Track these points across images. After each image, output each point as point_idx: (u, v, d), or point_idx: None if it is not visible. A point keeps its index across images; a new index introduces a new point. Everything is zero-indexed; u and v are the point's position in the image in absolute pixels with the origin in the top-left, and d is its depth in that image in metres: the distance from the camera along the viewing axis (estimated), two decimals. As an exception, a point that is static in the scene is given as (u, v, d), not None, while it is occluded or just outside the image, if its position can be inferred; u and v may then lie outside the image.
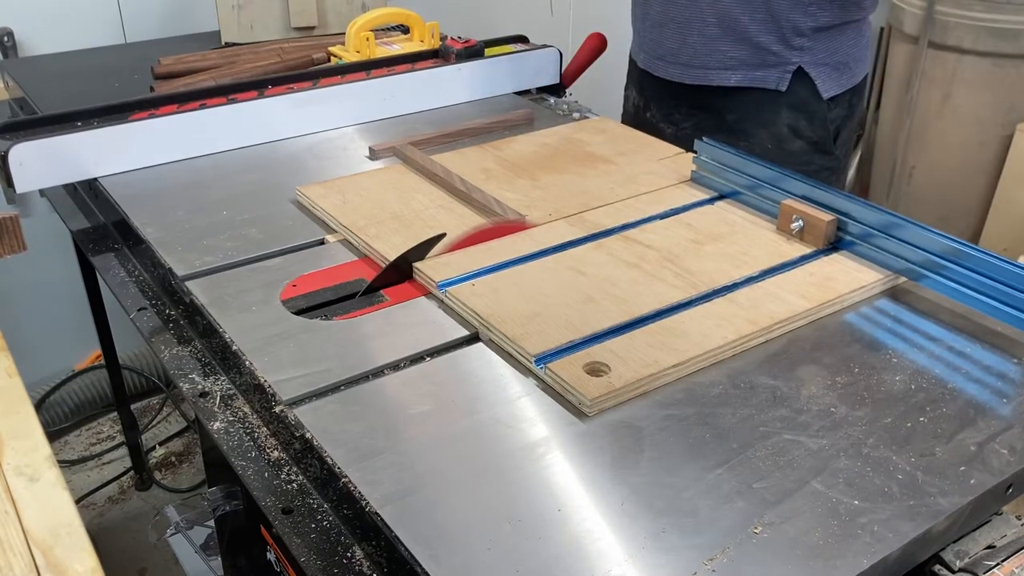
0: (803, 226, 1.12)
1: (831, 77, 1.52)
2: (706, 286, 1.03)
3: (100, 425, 2.49)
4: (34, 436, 0.85)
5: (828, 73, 1.52)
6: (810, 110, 1.54)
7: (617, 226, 1.17)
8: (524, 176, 1.33)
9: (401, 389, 0.90)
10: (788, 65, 1.50)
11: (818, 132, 1.55)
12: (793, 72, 1.51)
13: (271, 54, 1.82)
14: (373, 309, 1.03)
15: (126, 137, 1.36)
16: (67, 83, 1.77)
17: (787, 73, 1.51)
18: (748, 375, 0.91)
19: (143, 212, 1.25)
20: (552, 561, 0.70)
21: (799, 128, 1.54)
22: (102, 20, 2.18)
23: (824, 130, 1.55)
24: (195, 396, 0.97)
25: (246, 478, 0.86)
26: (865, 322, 1.01)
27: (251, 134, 1.46)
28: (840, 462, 0.80)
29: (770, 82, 1.51)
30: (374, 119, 1.57)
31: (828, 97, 1.53)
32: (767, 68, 1.51)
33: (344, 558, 0.77)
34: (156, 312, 1.13)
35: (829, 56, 1.51)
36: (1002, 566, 0.78)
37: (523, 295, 1.01)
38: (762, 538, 0.72)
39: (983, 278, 0.97)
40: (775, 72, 1.50)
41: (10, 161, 1.27)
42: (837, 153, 1.59)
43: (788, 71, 1.51)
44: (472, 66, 1.66)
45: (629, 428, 0.84)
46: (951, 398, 0.88)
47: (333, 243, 1.18)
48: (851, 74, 1.56)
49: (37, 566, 0.71)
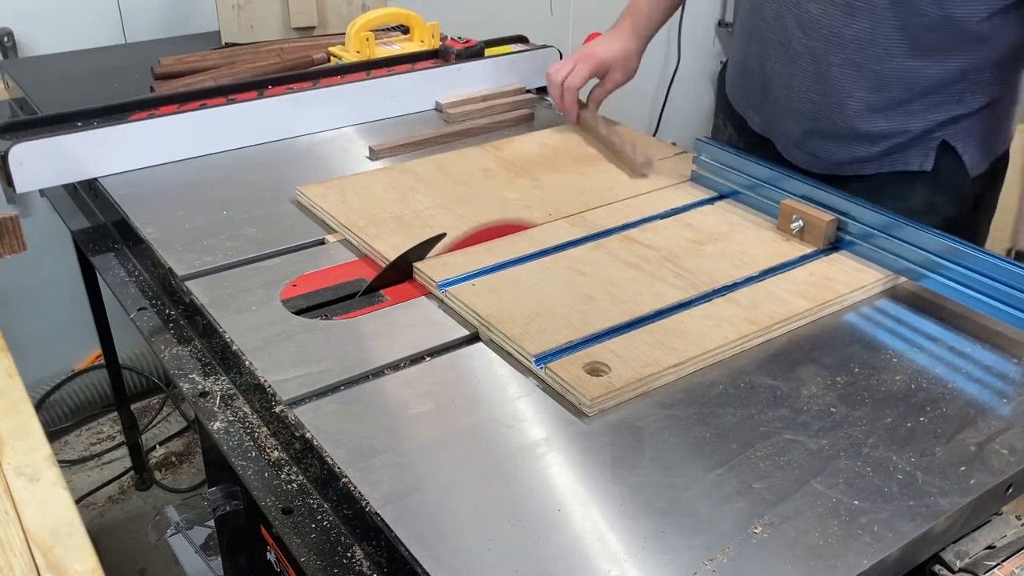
0: (803, 226, 1.12)
1: (979, 149, 1.28)
2: (706, 286, 1.03)
3: (100, 425, 2.48)
4: (34, 436, 0.85)
5: (975, 145, 1.27)
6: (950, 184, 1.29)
7: (617, 226, 1.17)
8: (524, 176, 1.33)
9: (401, 389, 0.90)
10: (931, 142, 1.27)
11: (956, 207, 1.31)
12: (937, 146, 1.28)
13: (271, 54, 1.82)
14: (373, 309, 1.03)
15: (126, 137, 1.36)
16: (67, 83, 1.77)
17: (931, 151, 1.28)
18: (748, 375, 0.92)
19: (143, 212, 1.25)
20: (552, 561, 0.70)
21: (936, 204, 1.30)
22: (102, 20, 2.18)
23: (964, 203, 1.32)
24: (195, 396, 0.97)
25: (246, 478, 0.86)
26: (865, 322, 1.01)
27: (251, 134, 1.46)
28: (840, 462, 0.80)
29: (912, 163, 1.29)
30: (374, 119, 1.57)
31: (975, 174, 1.29)
32: (907, 150, 1.29)
33: (344, 558, 0.77)
34: (156, 312, 1.13)
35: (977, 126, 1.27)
36: (1002, 566, 0.78)
37: (523, 295, 1.01)
38: (762, 538, 0.72)
39: (983, 278, 0.97)
40: (918, 152, 1.27)
41: (10, 161, 1.27)
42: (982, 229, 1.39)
43: (931, 147, 1.27)
44: (472, 66, 1.66)
45: (629, 428, 0.84)
46: (951, 398, 0.88)
47: (333, 243, 1.18)
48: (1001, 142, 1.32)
49: (37, 566, 0.71)
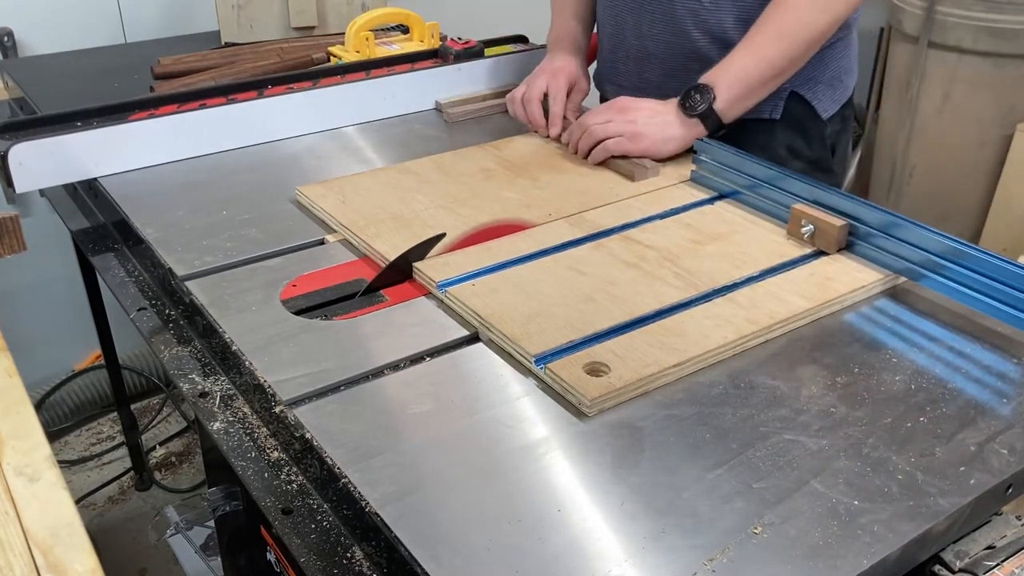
0: (814, 231, 1.11)
1: (826, 95, 1.45)
2: (706, 286, 1.03)
3: (100, 425, 2.49)
4: (34, 436, 0.85)
5: (823, 91, 1.45)
6: (807, 130, 1.46)
7: (617, 226, 1.17)
8: (524, 176, 1.33)
9: (401, 389, 0.90)
10: (781, 91, 1.41)
11: (817, 151, 1.48)
12: (787, 96, 1.43)
13: (271, 54, 1.82)
14: (373, 309, 1.03)
15: (126, 137, 1.36)
16: (67, 83, 1.77)
17: (780, 100, 1.43)
18: (748, 375, 0.92)
19: (143, 212, 1.25)
20: (552, 561, 0.70)
21: (797, 148, 1.47)
22: (102, 20, 2.18)
23: (823, 148, 1.49)
24: (195, 396, 0.97)
25: (246, 478, 0.86)
26: (865, 322, 1.01)
27: (251, 134, 1.46)
28: (840, 462, 0.80)
29: (764, 111, 1.43)
30: (374, 119, 1.57)
31: (827, 116, 1.46)
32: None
33: (344, 558, 0.77)
34: (156, 312, 1.13)
35: (822, 73, 1.44)
36: (1002, 566, 0.78)
37: (523, 295, 1.01)
38: (762, 538, 0.72)
39: (983, 278, 0.97)
40: (769, 101, 1.40)
41: (10, 161, 1.27)
42: (836, 169, 1.53)
43: (781, 98, 1.42)
44: (472, 66, 1.66)
45: (629, 428, 0.84)
46: (951, 398, 0.88)
47: (333, 243, 1.18)
48: (844, 88, 1.49)
49: (37, 566, 0.71)
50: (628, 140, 1.33)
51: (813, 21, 1.28)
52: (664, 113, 1.35)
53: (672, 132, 1.34)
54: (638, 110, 1.35)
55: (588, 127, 1.36)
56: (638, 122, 1.34)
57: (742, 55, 1.31)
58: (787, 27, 1.29)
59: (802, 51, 1.31)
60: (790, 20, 1.28)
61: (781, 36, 1.29)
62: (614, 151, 1.34)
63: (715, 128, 1.34)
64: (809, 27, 1.28)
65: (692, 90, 1.33)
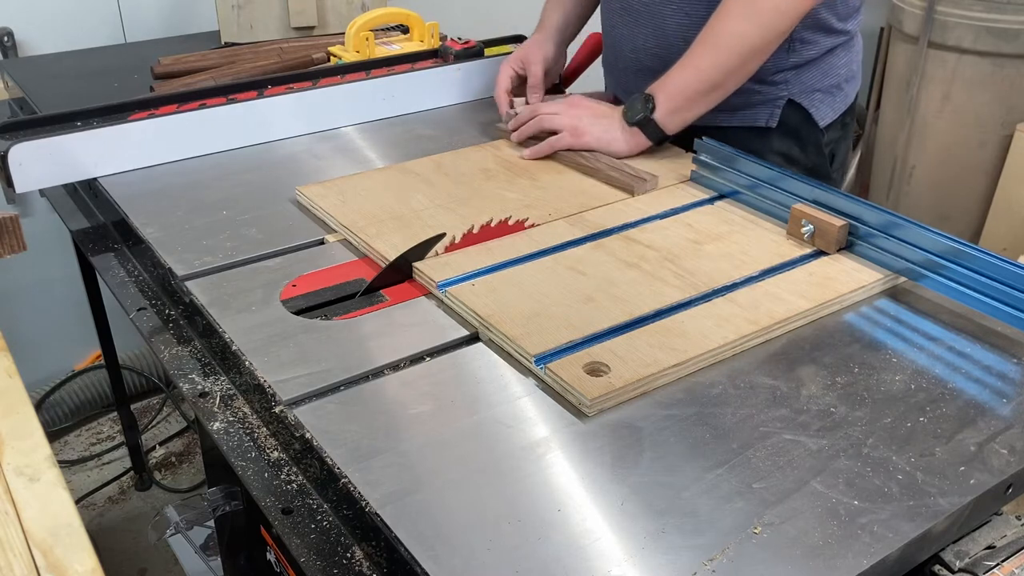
0: (814, 231, 1.11)
1: (824, 103, 1.42)
2: (706, 286, 1.03)
3: (100, 425, 2.49)
4: (34, 436, 0.85)
5: (821, 99, 1.42)
6: (803, 138, 1.43)
7: (617, 226, 1.18)
8: (524, 176, 1.33)
9: (401, 389, 0.90)
10: (777, 100, 1.40)
11: (813, 159, 1.45)
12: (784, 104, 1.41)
13: (271, 54, 1.82)
14: (373, 309, 1.03)
15: (126, 137, 1.36)
16: (67, 83, 1.77)
17: (776, 108, 1.41)
18: (748, 375, 0.92)
19: (143, 212, 1.25)
20: (552, 561, 0.70)
21: (793, 156, 1.44)
22: (102, 20, 2.18)
23: (820, 156, 1.45)
24: (195, 396, 0.97)
25: (246, 478, 0.86)
26: (865, 322, 1.01)
27: (250, 134, 1.46)
28: (840, 462, 0.80)
29: (760, 119, 1.42)
30: (374, 119, 1.57)
31: (825, 124, 1.43)
32: (755, 107, 1.41)
33: (344, 558, 0.77)
34: (156, 312, 1.13)
35: (820, 82, 1.41)
36: (1002, 566, 0.78)
37: (523, 295, 1.01)
38: (762, 538, 0.72)
39: (983, 278, 0.97)
40: (764, 109, 1.40)
41: (10, 161, 1.27)
42: (834, 176, 1.50)
43: (777, 106, 1.41)
44: (472, 66, 1.66)
45: (629, 428, 0.84)
46: (951, 398, 0.88)
47: (333, 243, 1.18)
48: (844, 96, 1.46)
49: (37, 566, 0.71)
50: (570, 135, 1.38)
51: (744, 33, 1.26)
52: (609, 117, 1.38)
53: (614, 135, 1.36)
54: (586, 108, 1.40)
55: (538, 113, 1.41)
56: (583, 119, 1.38)
57: (680, 67, 1.31)
58: (720, 39, 1.28)
59: (736, 64, 1.28)
60: (721, 32, 1.27)
61: (715, 48, 1.28)
62: (556, 147, 1.38)
63: (657, 138, 1.36)
64: (741, 39, 1.26)
65: (635, 99, 1.35)
